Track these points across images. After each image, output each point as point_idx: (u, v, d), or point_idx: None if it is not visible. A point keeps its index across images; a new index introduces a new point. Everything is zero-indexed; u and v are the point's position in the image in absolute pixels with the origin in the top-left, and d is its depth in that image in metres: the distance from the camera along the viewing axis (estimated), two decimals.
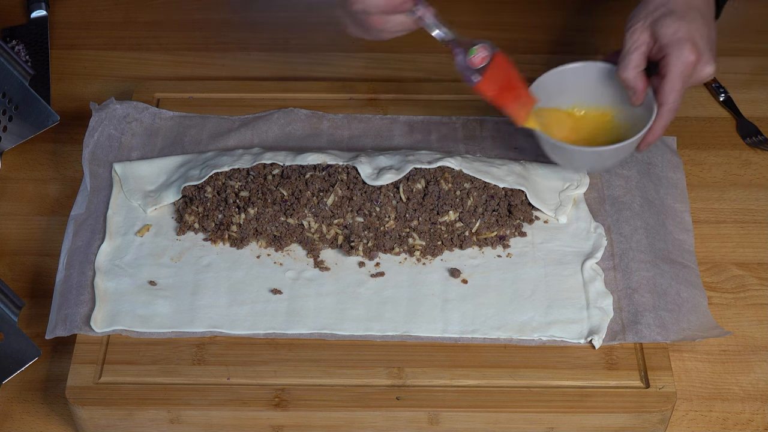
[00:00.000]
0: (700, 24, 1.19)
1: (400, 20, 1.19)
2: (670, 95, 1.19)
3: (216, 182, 1.24)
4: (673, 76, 1.18)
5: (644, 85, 1.20)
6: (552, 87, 1.25)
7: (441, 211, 1.21)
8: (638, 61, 1.20)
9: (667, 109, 1.19)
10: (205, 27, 1.58)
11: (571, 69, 1.26)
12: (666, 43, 1.18)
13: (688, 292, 1.19)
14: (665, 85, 1.19)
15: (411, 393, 1.11)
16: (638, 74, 1.20)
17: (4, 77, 1.31)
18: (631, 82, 1.20)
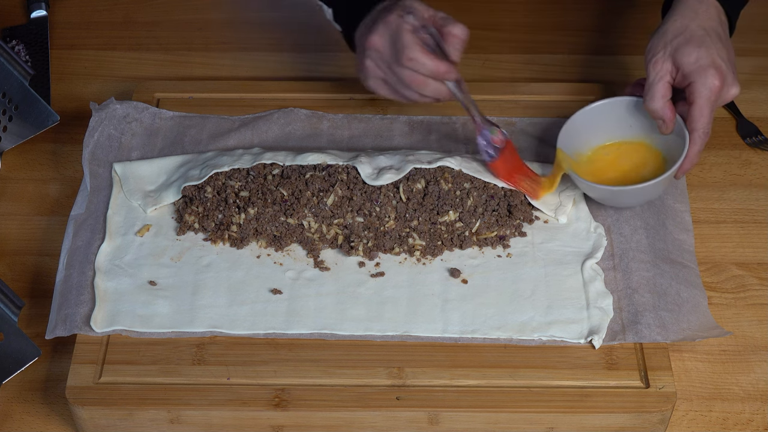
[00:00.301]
0: (719, 47, 1.21)
1: (438, 87, 1.22)
2: (700, 121, 1.20)
3: (216, 182, 1.24)
4: (701, 102, 1.20)
5: (672, 113, 1.22)
6: (582, 127, 1.26)
7: (441, 211, 1.21)
8: (664, 91, 1.21)
9: (698, 135, 1.21)
10: (205, 27, 1.58)
11: (598, 107, 1.27)
12: (690, 71, 1.19)
13: (688, 292, 1.19)
14: (694, 111, 1.20)
15: (411, 393, 1.11)
16: (665, 104, 1.21)
17: (4, 77, 1.31)
18: (659, 112, 1.21)
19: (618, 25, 1.59)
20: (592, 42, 1.55)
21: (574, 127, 1.26)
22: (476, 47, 1.53)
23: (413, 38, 1.20)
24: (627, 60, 1.52)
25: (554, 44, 1.55)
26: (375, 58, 1.23)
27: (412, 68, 1.20)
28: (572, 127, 1.26)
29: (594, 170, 1.25)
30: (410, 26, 1.20)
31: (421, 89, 1.22)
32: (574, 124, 1.26)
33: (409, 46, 1.19)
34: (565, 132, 1.26)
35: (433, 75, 1.20)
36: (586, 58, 1.52)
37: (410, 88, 1.22)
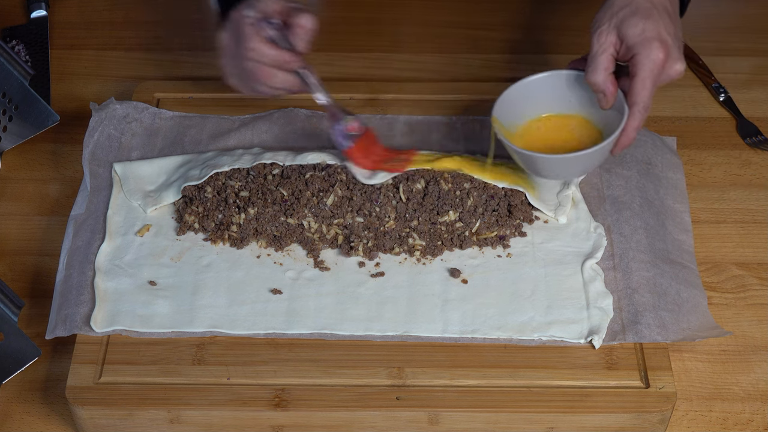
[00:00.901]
0: (666, 22, 1.17)
1: (287, 78, 1.21)
2: (641, 94, 1.17)
3: (216, 182, 1.24)
4: (643, 75, 1.16)
5: (614, 87, 1.18)
6: (520, 100, 1.23)
7: (441, 211, 1.21)
8: (607, 63, 1.18)
9: (638, 108, 1.17)
10: (205, 27, 1.58)
11: (537, 80, 1.24)
12: (633, 43, 1.16)
13: (688, 292, 1.19)
14: (636, 84, 1.17)
15: (411, 393, 1.11)
16: (607, 77, 1.18)
17: (4, 77, 1.31)
18: (600, 85, 1.18)
19: None
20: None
21: (511, 98, 1.23)
22: (476, 47, 1.54)
23: (252, 30, 1.18)
24: None
25: (554, 45, 1.55)
26: (225, 55, 1.23)
27: (254, 59, 1.19)
28: (509, 98, 1.23)
29: (529, 141, 1.23)
30: (250, 19, 1.18)
31: (269, 81, 1.21)
32: (512, 94, 1.23)
33: (248, 37, 1.18)
34: (501, 102, 1.23)
35: (276, 64, 1.19)
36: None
37: (258, 82, 1.21)
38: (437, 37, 1.55)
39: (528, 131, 1.24)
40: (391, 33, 1.57)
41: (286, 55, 1.19)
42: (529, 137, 1.24)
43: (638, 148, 1.32)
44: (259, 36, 1.18)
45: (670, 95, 1.47)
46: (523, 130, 1.24)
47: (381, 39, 1.56)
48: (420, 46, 1.54)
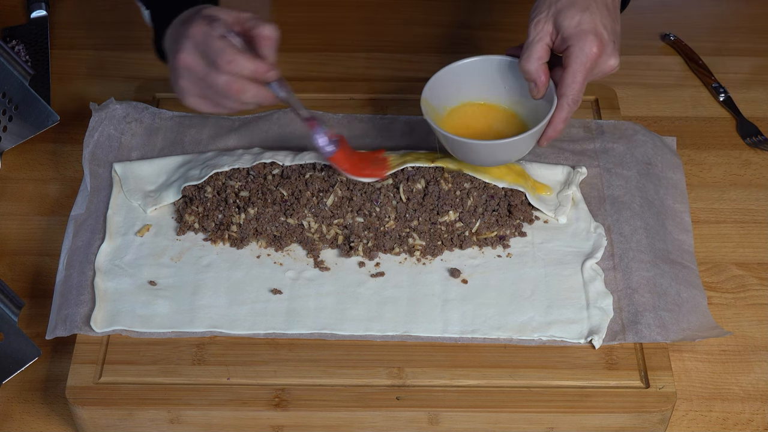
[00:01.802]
0: (604, 15, 1.16)
1: (258, 91, 1.14)
2: (571, 86, 1.16)
3: (216, 182, 1.24)
4: (575, 67, 1.15)
5: (546, 78, 1.18)
6: (452, 82, 1.23)
7: (441, 211, 1.21)
8: (541, 52, 1.17)
9: (567, 101, 1.17)
10: None
11: (470, 63, 1.23)
12: (569, 35, 1.15)
13: (688, 292, 1.19)
14: (567, 76, 1.16)
15: (411, 393, 1.11)
16: (540, 66, 1.17)
17: (4, 77, 1.31)
18: (532, 74, 1.17)
19: None
20: None
21: (443, 80, 1.23)
22: (475, 47, 1.54)
23: (224, 43, 1.12)
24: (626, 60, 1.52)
25: None
26: (187, 76, 1.15)
27: (232, 71, 1.12)
28: (441, 80, 1.23)
29: (457, 125, 1.22)
30: (218, 33, 1.13)
31: (241, 95, 1.13)
32: (444, 76, 1.23)
33: (224, 50, 1.12)
34: (433, 83, 1.22)
35: (253, 76, 1.13)
36: None
37: (229, 97, 1.14)
38: (437, 37, 1.55)
39: (457, 114, 1.24)
40: (391, 33, 1.57)
41: (263, 66, 1.13)
42: (458, 121, 1.23)
43: (638, 148, 1.32)
44: (234, 48, 1.12)
45: (670, 95, 1.47)
46: (452, 112, 1.24)
47: (381, 39, 1.56)
48: (420, 46, 1.54)
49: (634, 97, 1.46)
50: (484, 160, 1.21)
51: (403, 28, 1.58)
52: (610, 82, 1.45)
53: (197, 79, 1.15)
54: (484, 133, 1.22)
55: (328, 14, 1.61)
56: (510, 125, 1.23)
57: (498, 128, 1.23)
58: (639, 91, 1.47)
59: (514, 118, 1.23)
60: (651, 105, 1.46)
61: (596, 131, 1.35)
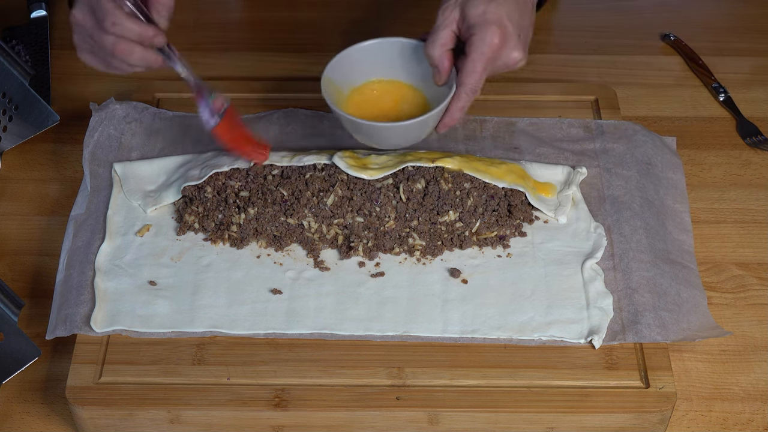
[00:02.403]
0: (512, 8, 1.16)
1: (147, 55, 1.16)
2: (471, 76, 1.16)
3: (216, 182, 1.24)
4: (474, 56, 1.15)
5: (449, 64, 1.18)
6: (358, 61, 1.23)
7: (441, 211, 1.21)
8: (446, 39, 1.17)
9: (465, 90, 1.17)
10: (205, 27, 1.58)
11: (377, 43, 1.24)
12: (473, 23, 1.15)
13: (687, 292, 1.19)
14: (466, 65, 1.16)
15: (411, 393, 1.11)
16: (444, 53, 1.17)
17: (4, 77, 1.31)
18: (435, 59, 1.18)
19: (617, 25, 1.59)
20: (592, 42, 1.55)
21: (350, 58, 1.23)
22: None
23: (112, 4, 1.14)
24: (626, 60, 1.52)
25: (554, 44, 1.55)
26: (79, 32, 1.18)
27: (117, 33, 1.14)
28: (347, 59, 1.23)
29: (358, 104, 1.23)
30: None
31: (127, 57, 1.16)
32: (350, 55, 1.23)
33: (110, 11, 1.14)
34: (338, 62, 1.22)
35: (140, 39, 1.15)
36: (586, 59, 1.52)
37: (115, 57, 1.16)
38: None
39: (362, 92, 1.24)
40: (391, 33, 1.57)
41: (150, 30, 1.15)
42: (363, 99, 1.24)
43: (638, 148, 1.32)
44: (121, 10, 1.14)
45: (670, 95, 1.47)
46: (357, 91, 1.24)
47: None
48: None
49: (634, 97, 1.46)
50: (381, 142, 1.22)
51: (403, 27, 1.58)
52: (610, 82, 1.45)
53: (87, 36, 1.17)
54: (387, 112, 1.23)
55: (329, 14, 1.61)
56: (416, 106, 1.23)
57: (403, 108, 1.23)
58: (639, 91, 1.47)
59: (420, 99, 1.24)
60: (651, 105, 1.46)
61: (596, 131, 1.35)
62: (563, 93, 1.41)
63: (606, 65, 1.51)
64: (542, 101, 1.40)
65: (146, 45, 1.15)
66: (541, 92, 1.41)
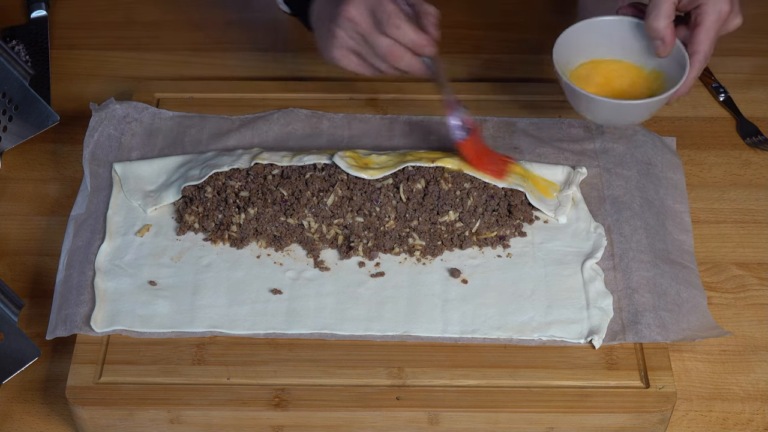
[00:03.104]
0: None
1: (412, 61, 1.21)
2: (704, 43, 1.19)
3: (216, 182, 1.24)
4: (708, 25, 1.19)
5: (673, 35, 1.21)
6: (581, 39, 1.26)
7: (441, 211, 1.21)
8: (669, 11, 1.20)
9: (698, 58, 1.20)
10: (205, 27, 1.58)
11: (601, 22, 1.26)
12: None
13: (687, 293, 1.19)
14: (699, 33, 1.19)
15: (411, 393, 1.11)
16: (669, 24, 1.20)
17: (4, 77, 1.31)
18: (661, 31, 1.20)
19: None
20: None
21: (571, 37, 1.26)
22: (476, 47, 1.54)
23: (396, 7, 1.18)
24: None
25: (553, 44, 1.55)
26: (348, 28, 1.21)
27: (395, 37, 1.18)
28: (569, 37, 1.26)
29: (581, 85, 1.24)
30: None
31: (397, 61, 1.20)
32: (571, 35, 1.26)
33: (394, 14, 1.18)
34: (559, 44, 1.25)
35: (413, 46, 1.19)
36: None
37: (384, 60, 1.20)
38: None
39: (583, 75, 1.27)
40: None
41: (424, 39, 1.19)
42: (581, 80, 1.26)
43: (638, 148, 1.32)
44: (403, 14, 1.18)
45: None
46: (573, 72, 1.26)
47: None
48: None
49: None
50: (616, 120, 1.24)
51: None
52: None
53: (356, 34, 1.20)
54: (611, 91, 1.25)
55: None
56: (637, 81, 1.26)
57: (627, 84, 1.26)
58: None
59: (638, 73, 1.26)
60: None
61: (596, 131, 1.35)
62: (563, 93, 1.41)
63: None
64: (542, 101, 1.40)
65: (419, 53, 1.19)
66: (541, 92, 1.41)
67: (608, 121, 1.26)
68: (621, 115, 1.24)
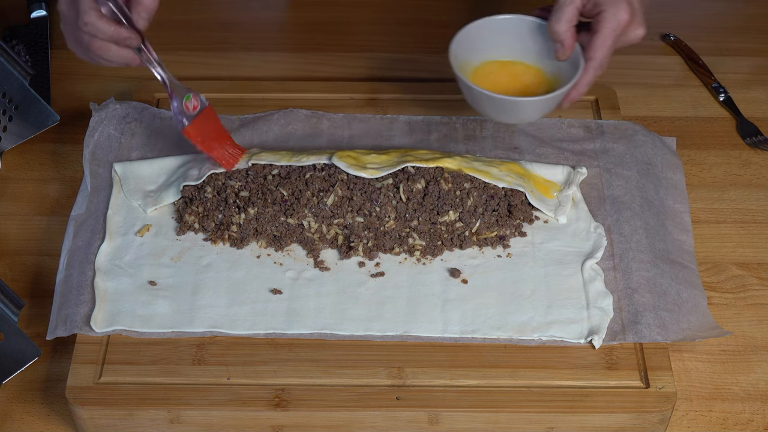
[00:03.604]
0: None
1: (123, 53, 1.20)
2: (600, 50, 1.20)
3: (216, 182, 1.24)
4: (605, 32, 1.19)
5: (573, 39, 1.21)
6: (479, 38, 1.26)
7: (441, 211, 1.21)
8: (571, 15, 1.20)
9: (593, 65, 1.20)
10: (205, 27, 1.58)
11: (499, 20, 1.26)
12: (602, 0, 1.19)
13: (687, 293, 1.19)
14: (596, 40, 1.20)
15: (411, 393, 1.11)
16: (569, 28, 1.20)
17: (4, 77, 1.31)
18: (561, 35, 1.20)
19: None
20: None
21: (469, 36, 1.26)
22: None
23: (90, 4, 1.17)
24: (626, 60, 1.52)
25: None
26: (64, 21, 1.21)
27: (90, 33, 1.18)
28: (468, 36, 1.26)
29: (480, 82, 1.24)
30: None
31: (103, 54, 1.20)
32: (469, 33, 1.26)
33: (85, 11, 1.17)
34: (460, 39, 1.25)
35: (113, 40, 1.18)
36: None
37: (93, 53, 1.20)
38: (437, 38, 1.55)
39: (481, 72, 1.27)
40: (391, 33, 1.57)
41: (123, 32, 1.18)
42: (481, 78, 1.26)
43: (638, 148, 1.32)
44: (96, 11, 1.17)
45: (670, 95, 1.47)
46: (476, 70, 1.27)
47: (381, 39, 1.56)
48: (420, 46, 1.54)
49: (634, 97, 1.46)
50: (510, 117, 1.24)
51: (403, 28, 1.58)
52: (610, 82, 1.45)
53: (69, 26, 1.20)
54: (509, 91, 1.25)
55: (329, 14, 1.61)
56: (533, 82, 1.26)
57: (523, 85, 1.26)
58: (639, 91, 1.47)
59: (539, 75, 1.27)
60: (651, 105, 1.46)
61: (596, 131, 1.35)
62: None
63: None
64: None
65: (122, 45, 1.19)
66: None
67: (500, 118, 1.26)
68: (511, 113, 1.23)
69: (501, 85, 1.26)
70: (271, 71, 1.50)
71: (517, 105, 1.21)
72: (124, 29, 1.18)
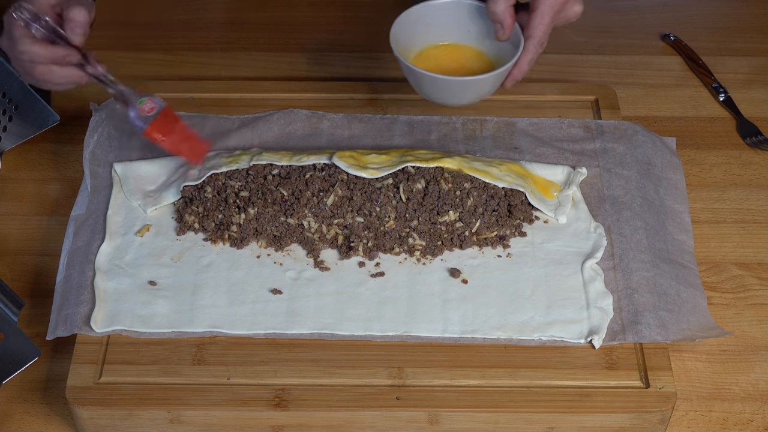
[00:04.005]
0: None
1: (67, 72, 1.20)
2: (539, 28, 1.21)
3: (216, 182, 1.24)
4: (543, 9, 1.21)
5: (512, 20, 1.22)
6: (419, 23, 1.27)
7: (441, 211, 1.21)
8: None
9: (533, 42, 1.22)
10: (205, 27, 1.58)
11: (438, 5, 1.28)
12: None
13: (687, 293, 1.19)
14: (534, 18, 1.21)
15: (411, 393, 1.11)
16: (507, 8, 1.22)
17: (4, 77, 1.32)
18: (499, 15, 1.22)
19: (617, 25, 1.59)
20: (591, 42, 1.55)
21: (411, 20, 1.27)
22: None
23: (22, 32, 1.18)
24: (626, 60, 1.52)
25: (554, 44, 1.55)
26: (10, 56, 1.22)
27: (28, 60, 1.19)
28: (408, 20, 1.27)
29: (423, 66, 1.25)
30: (21, 21, 1.18)
31: (48, 78, 1.20)
32: (411, 16, 1.27)
33: (18, 40, 1.18)
34: (400, 22, 1.27)
35: (52, 61, 1.19)
36: (586, 59, 1.52)
37: (38, 79, 1.21)
38: None
39: (424, 56, 1.28)
40: None
41: (60, 51, 1.18)
42: (424, 62, 1.27)
43: (638, 148, 1.32)
44: (29, 37, 1.18)
45: (670, 95, 1.47)
46: (418, 54, 1.28)
47: (381, 39, 1.56)
48: None
49: (634, 97, 1.46)
50: (451, 98, 1.25)
51: None
52: (610, 82, 1.45)
53: (14, 60, 1.21)
54: (452, 72, 1.26)
55: (329, 14, 1.61)
56: (478, 66, 1.27)
57: (466, 68, 1.27)
58: (639, 91, 1.47)
59: (482, 58, 1.28)
60: (651, 105, 1.46)
61: (596, 131, 1.35)
62: (563, 93, 1.41)
63: (606, 65, 1.51)
64: (542, 101, 1.40)
65: (63, 64, 1.19)
66: (541, 92, 1.41)
67: (443, 100, 1.26)
68: (453, 93, 1.24)
69: (444, 69, 1.27)
70: (271, 71, 1.50)
71: (458, 84, 1.22)
72: (60, 48, 1.18)
